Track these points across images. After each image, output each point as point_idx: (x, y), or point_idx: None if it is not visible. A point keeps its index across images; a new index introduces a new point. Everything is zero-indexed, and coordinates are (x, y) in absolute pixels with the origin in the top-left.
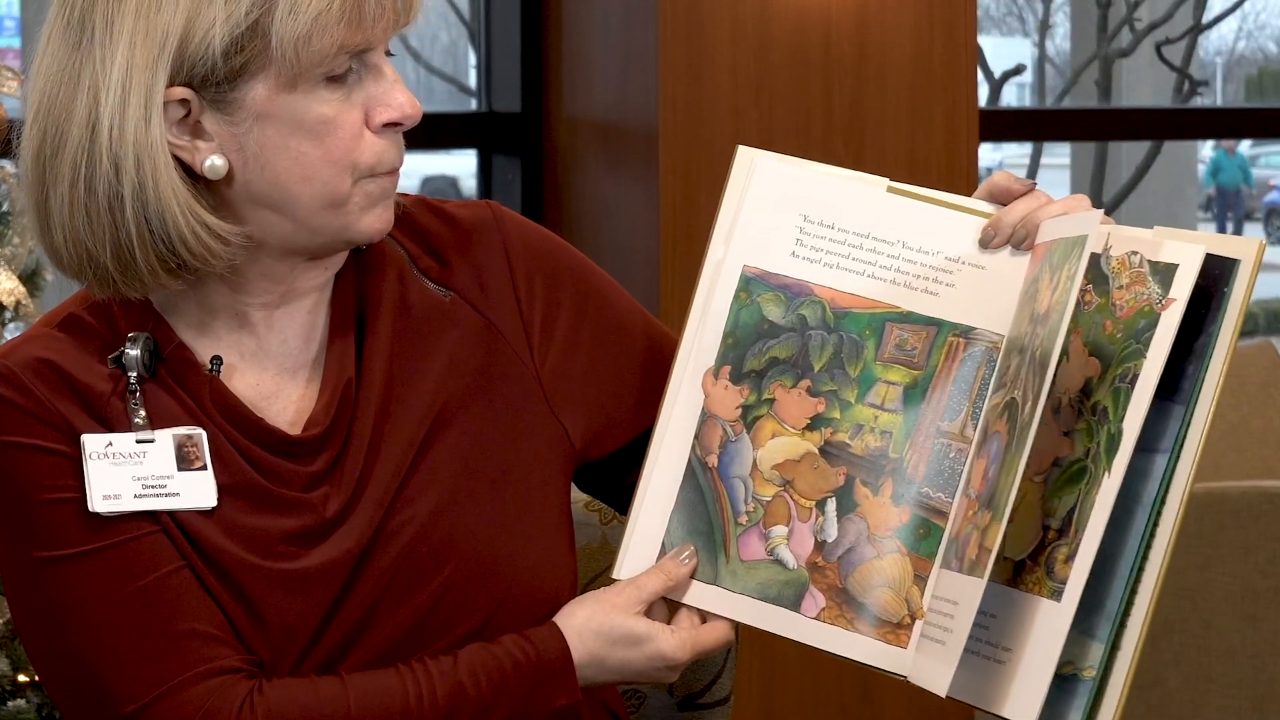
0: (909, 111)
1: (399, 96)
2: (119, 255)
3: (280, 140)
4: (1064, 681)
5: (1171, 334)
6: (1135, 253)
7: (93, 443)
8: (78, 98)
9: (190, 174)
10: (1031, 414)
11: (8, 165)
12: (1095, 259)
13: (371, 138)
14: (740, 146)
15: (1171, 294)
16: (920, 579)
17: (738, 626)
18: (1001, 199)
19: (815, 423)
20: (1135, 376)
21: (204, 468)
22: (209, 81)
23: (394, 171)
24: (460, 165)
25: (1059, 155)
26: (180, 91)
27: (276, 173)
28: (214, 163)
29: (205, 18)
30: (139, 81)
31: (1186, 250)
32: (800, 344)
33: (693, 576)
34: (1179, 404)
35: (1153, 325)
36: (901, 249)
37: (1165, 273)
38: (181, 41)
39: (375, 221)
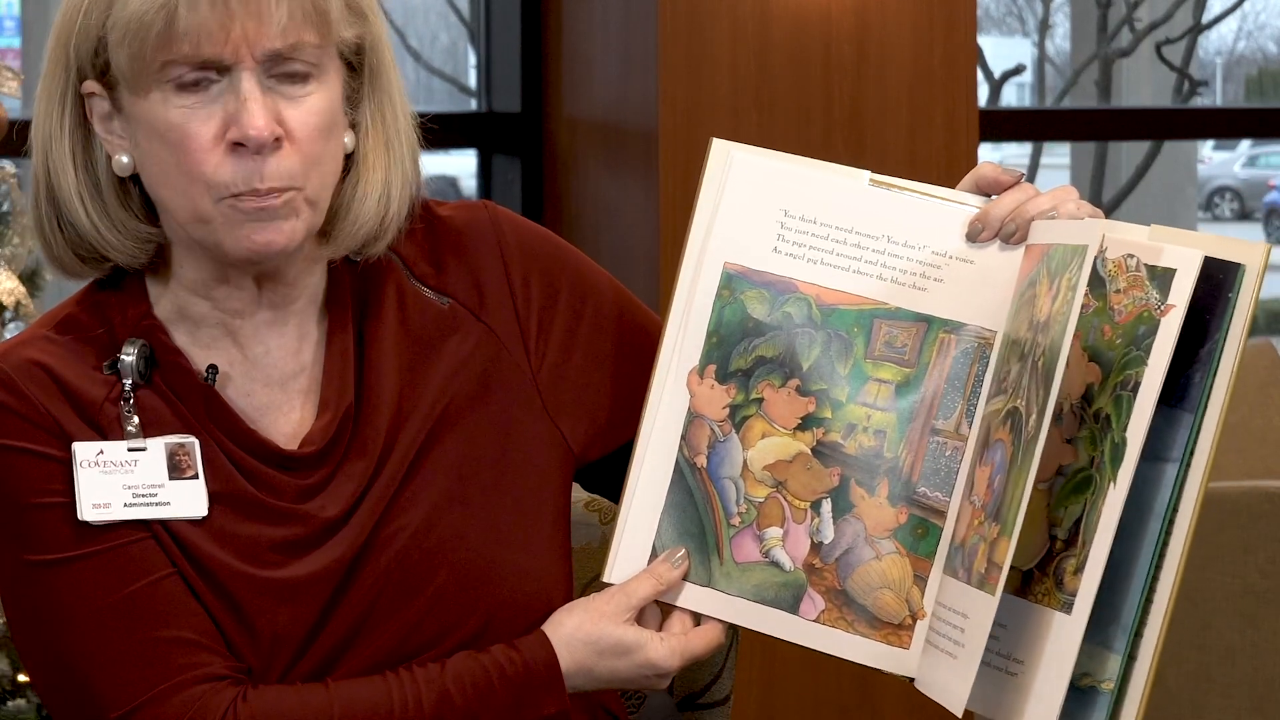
0: (909, 111)
1: (245, 116)
2: (43, 239)
3: (149, 145)
4: (1082, 694)
5: (1172, 341)
6: (1132, 256)
7: (83, 451)
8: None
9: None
10: (1038, 427)
11: (8, 165)
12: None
13: (221, 156)
14: (714, 140)
15: (1170, 300)
16: (920, 579)
17: (735, 629)
18: (989, 190)
19: (806, 423)
20: (1137, 384)
21: (195, 476)
22: (109, 82)
23: (269, 191)
24: (460, 165)
25: (1059, 155)
26: (92, 85)
27: (151, 176)
28: (120, 160)
29: (82, 20)
30: (51, 76)
31: (1185, 255)
32: (787, 342)
33: (686, 579)
34: (1187, 412)
35: (1153, 332)
36: (887, 244)
37: (1163, 278)
38: (72, 43)
39: (243, 240)
